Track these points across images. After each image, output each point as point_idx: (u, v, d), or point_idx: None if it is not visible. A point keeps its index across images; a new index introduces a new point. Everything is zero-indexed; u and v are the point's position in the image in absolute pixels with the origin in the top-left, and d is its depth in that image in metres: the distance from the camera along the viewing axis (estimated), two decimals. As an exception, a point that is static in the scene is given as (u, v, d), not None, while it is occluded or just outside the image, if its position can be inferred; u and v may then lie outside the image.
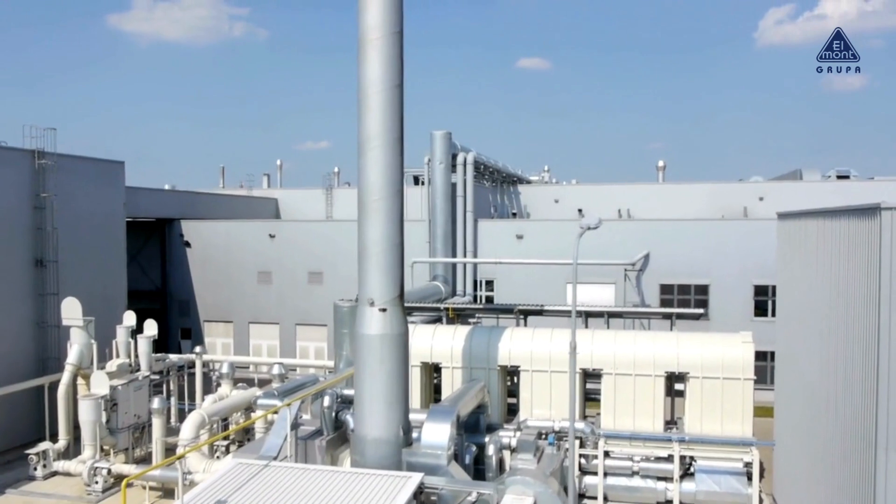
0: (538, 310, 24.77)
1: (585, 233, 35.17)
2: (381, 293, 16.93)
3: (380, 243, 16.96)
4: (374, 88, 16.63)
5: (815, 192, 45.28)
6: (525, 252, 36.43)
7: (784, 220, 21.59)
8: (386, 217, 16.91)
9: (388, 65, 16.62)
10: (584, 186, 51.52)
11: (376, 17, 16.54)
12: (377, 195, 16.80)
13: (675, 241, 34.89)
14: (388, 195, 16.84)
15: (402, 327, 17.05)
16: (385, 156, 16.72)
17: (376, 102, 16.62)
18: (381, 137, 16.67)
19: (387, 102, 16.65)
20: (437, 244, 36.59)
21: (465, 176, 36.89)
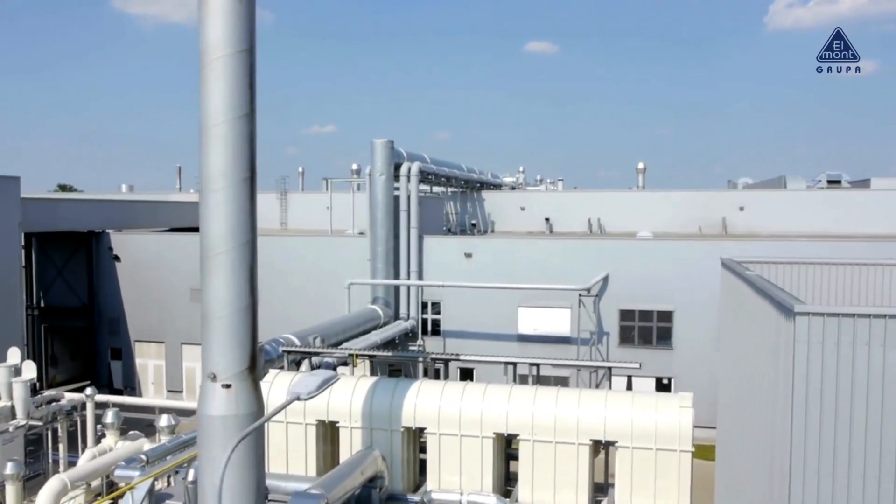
0: (450, 358, 22.04)
1: (538, 252, 32.58)
2: (225, 365, 14.26)
3: (225, 305, 14.27)
4: (216, 119, 13.91)
5: (798, 203, 42.65)
6: (474, 271, 33.80)
7: (726, 270, 18.76)
8: (231, 274, 14.24)
9: (234, 90, 13.87)
10: (553, 194, 48.79)
11: (219, 31, 13.79)
12: (221, 247, 14.15)
13: (637, 263, 32.25)
14: (233, 247, 14.19)
15: (251, 406, 14.39)
16: (230, 200, 14.05)
17: (219, 136, 13.92)
18: (225, 178, 13.98)
19: (232, 136, 13.94)
20: (378, 263, 34.00)
21: (409, 188, 34.14)
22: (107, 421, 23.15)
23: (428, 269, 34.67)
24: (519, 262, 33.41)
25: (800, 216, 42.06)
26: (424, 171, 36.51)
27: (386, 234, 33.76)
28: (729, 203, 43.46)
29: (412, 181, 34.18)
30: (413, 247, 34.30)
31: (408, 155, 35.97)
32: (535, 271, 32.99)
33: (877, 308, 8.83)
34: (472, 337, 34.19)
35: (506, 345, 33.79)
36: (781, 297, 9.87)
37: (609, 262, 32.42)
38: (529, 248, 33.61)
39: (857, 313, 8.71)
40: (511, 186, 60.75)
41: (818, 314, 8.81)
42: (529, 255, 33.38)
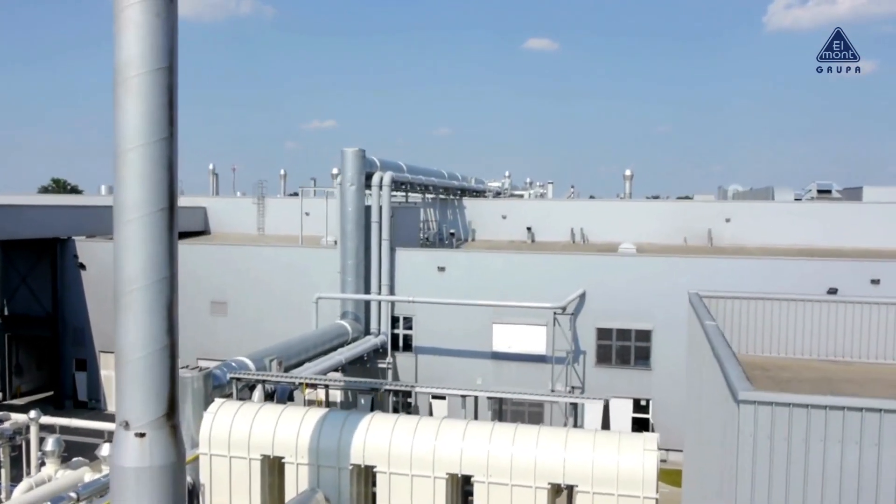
0: (403, 390, 20.88)
1: (513, 266, 31.43)
2: (138, 412, 13.06)
3: (139, 347, 13.09)
4: (130, 143, 12.72)
5: (785, 215, 41.56)
6: (447, 286, 32.64)
7: (692, 309, 17.59)
8: (147, 312, 13.08)
9: (151, 112, 12.67)
10: (536, 202, 47.61)
11: (133, 47, 12.58)
12: (135, 284, 12.99)
13: (615, 279, 31.09)
14: (149, 284, 13.03)
15: (169, 458, 13.17)
16: (145, 232, 12.89)
17: (133, 162, 12.73)
18: (140, 208, 12.82)
19: (149, 162, 12.75)
20: (348, 276, 32.81)
21: (380, 199, 32.92)
22: (47, 448, 21.98)
23: (400, 282, 33.49)
24: (493, 277, 32.24)
25: (787, 229, 40.98)
26: (398, 181, 35.34)
27: (356, 246, 32.57)
28: (715, 214, 42.35)
29: (384, 191, 32.97)
30: (384, 260, 33.12)
31: (381, 164, 34.76)
32: (510, 286, 31.83)
33: (835, 398, 7.64)
34: (445, 353, 33.06)
35: (479, 362, 32.69)
36: (731, 372, 8.68)
37: (586, 277, 31.27)
38: (504, 263, 32.43)
39: (811, 404, 7.54)
40: (496, 192, 59.57)
41: (766, 403, 7.65)
42: (504, 270, 32.22)
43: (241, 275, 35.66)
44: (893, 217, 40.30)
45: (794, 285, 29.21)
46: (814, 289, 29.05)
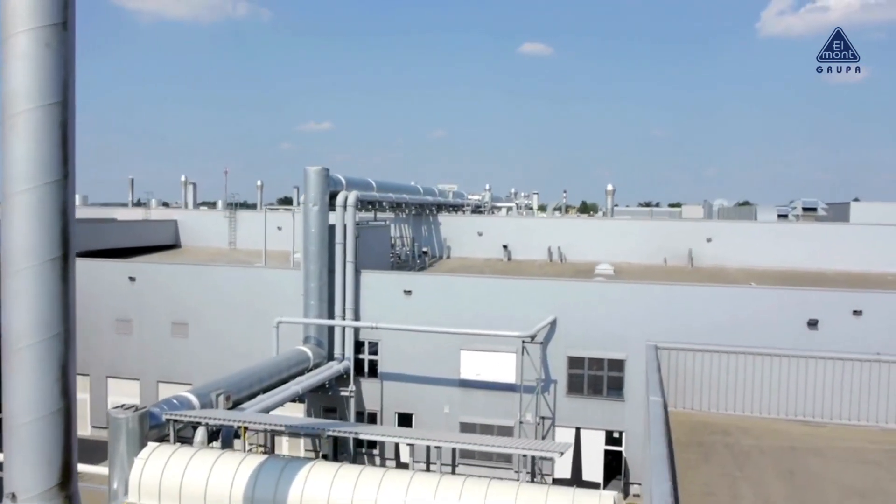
0: (350, 435, 19.60)
1: (482, 291, 30.21)
2: (27, 483, 11.88)
3: (28, 411, 11.91)
4: (18, 185, 11.55)
5: (767, 235, 40.50)
6: (414, 310, 31.45)
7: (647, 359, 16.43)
8: (37, 372, 11.90)
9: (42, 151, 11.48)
10: (512, 219, 46.45)
11: (21, 80, 11.40)
12: (24, 341, 11.81)
13: (588, 306, 29.95)
14: (40, 341, 11.86)
15: (61, 532, 11.93)
16: (36, 284, 11.69)
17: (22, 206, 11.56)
18: (29, 258, 11.62)
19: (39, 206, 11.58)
20: (310, 300, 31.57)
21: (344, 219, 31.70)
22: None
23: (365, 306, 32.26)
24: (462, 301, 31.05)
25: (769, 249, 39.96)
26: (366, 200, 34.11)
27: (319, 268, 31.33)
28: (696, 233, 41.27)
29: (348, 211, 31.72)
30: (349, 282, 31.88)
31: (347, 182, 33.55)
32: (480, 311, 30.66)
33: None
34: (411, 380, 31.85)
35: (447, 390, 31.49)
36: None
37: (558, 303, 30.10)
38: (473, 287, 31.22)
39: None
40: (476, 206, 58.39)
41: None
42: (473, 294, 31.02)
43: (202, 295, 34.36)
44: (878, 239, 39.30)
45: (773, 315, 28.18)
46: (793, 319, 28.02)
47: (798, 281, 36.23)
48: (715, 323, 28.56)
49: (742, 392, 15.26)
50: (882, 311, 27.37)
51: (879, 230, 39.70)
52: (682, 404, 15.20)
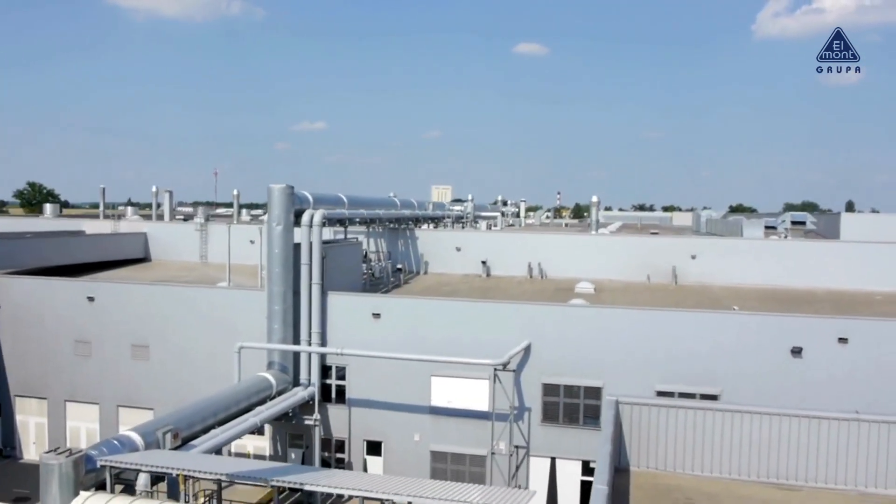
0: (293, 487, 18.31)
1: (454, 315, 28.98)
2: None
3: None
4: None
5: (753, 253, 39.41)
6: (383, 333, 30.25)
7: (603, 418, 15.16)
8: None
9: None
10: (492, 234, 45.21)
11: None
12: None
13: (564, 331, 28.80)
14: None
15: None
16: None
17: None
18: None
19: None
20: (274, 323, 30.29)
21: (310, 239, 30.40)
22: None
23: (332, 329, 30.99)
24: (432, 325, 29.81)
25: (755, 267, 38.87)
26: (334, 218, 32.80)
27: (283, 290, 30.04)
28: (681, 250, 40.16)
29: (314, 231, 30.43)
30: (315, 305, 30.59)
31: (314, 199, 32.28)
32: (451, 336, 29.45)
33: None
34: (381, 407, 30.60)
35: (417, 417, 30.25)
36: None
37: (532, 328, 28.89)
38: (444, 311, 29.98)
39: None
40: (458, 216, 57.09)
41: None
42: (444, 318, 29.79)
43: (163, 316, 33.02)
44: (865, 257, 38.26)
45: (756, 342, 27.08)
46: (776, 346, 26.92)
47: (784, 300, 35.17)
48: (696, 349, 27.46)
49: (711, 451, 14.09)
50: (869, 339, 26.28)
51: (867, 248, 38.65)
52: (647, 463, 14.00)
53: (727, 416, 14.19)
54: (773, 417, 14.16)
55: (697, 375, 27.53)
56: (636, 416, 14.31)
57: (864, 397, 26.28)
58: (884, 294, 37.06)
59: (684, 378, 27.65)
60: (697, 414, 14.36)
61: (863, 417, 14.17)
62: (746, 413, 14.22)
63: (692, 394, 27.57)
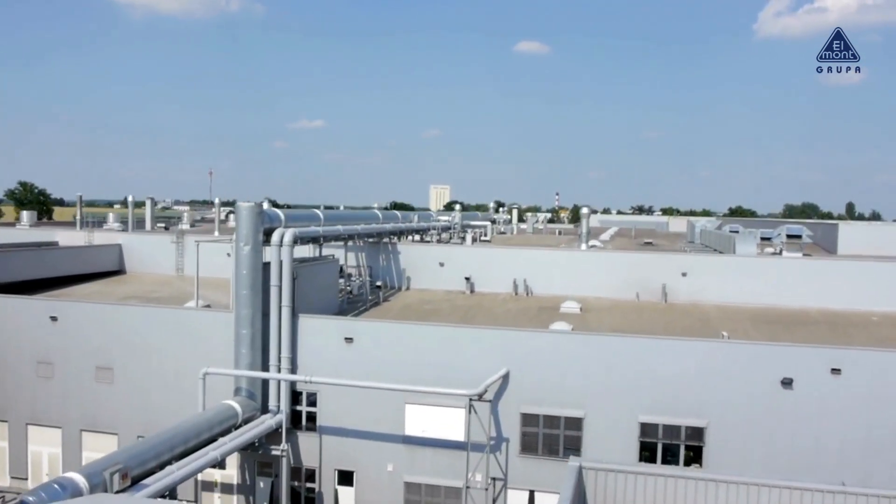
0: None
1: (429, 340, 27.77)
2: None
3: None
4: None
5: (744, 272, 38.18)
6: (356, 358, 29.10)
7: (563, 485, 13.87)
8: None
9: None
10: (476, 249, 43.93)
11: None
12: None
13: (544, 359, 27.61)
14: None
15: None
16: None
17: None
18: None
19: None
20: (242, 348, 29.12)
21: (280, 259, 29.15)
22: None
23: (303, 353, 29.74)
24: (407, 350, 28.58)
25: (747, 285, 37.62)
26: (306, 237, 31.50)
27: (251, 313, 28.80)
28: (671, 267, 38.91)
29: (285, 250, 29.15)
30: (285, 329, 29.34)
31: (286, 217, 31.03)
32: (426, 362, 28.26)
33: None
34: (353, 435, 29.37)
35: (391, 447, 29.03)
36: None
37: (511, 355, 27.67)
38: (419, 336, 28.71)
39: None
40: (445, 227, 55.76)
41: None
42: (419, 343, 28.54)
43: (128, 338, 31.76)
44: (862, 275, 37.05)
45: (745, 372, 25.88)
46: (766, 377, 25.71)
47: (777, 322, 33.95)
48: (682, 379, 26.27)
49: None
50: (863, 370, 25.06)
51: (863, 266, 37.42)
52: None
53: (700, 486, 12.95)
54: (752, 488, 12.92)
55: (683, 406, 26.32)
56: (601, 485, 13.06)
57: (857, 432, 25.13)
58: (881, 314, 35.84)
59: (670, 409, 26.44)
60: (669, 482, 13.12)
61: (849, 490, 12.94)
62: (723, 482, 12.98)
63: (677, 426, 26.41)
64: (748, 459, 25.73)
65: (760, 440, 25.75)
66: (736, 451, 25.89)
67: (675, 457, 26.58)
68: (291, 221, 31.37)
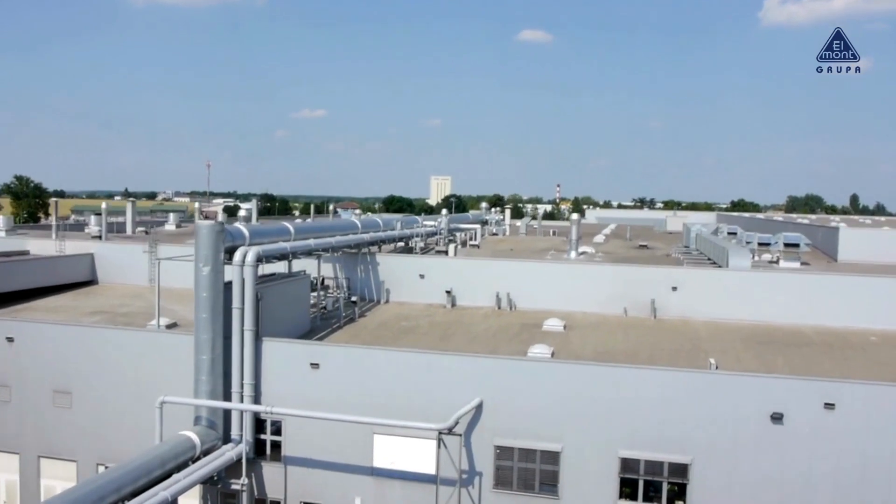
0: None
1: (400, 366, 26.30)
2: None
3: None
4: None
5: (736, 287, 36.67)
6: (322, 385, 27.77)
7: None
8: None
9: None
10: (458, 261, 42.36)
11: None
12: None
13: (520, 388, 26.17)
14: None
15: None
16: None
17: None
18: None
19: None
20: (202, 374, 27.71)
21: (242, 280, 27.64)
22: None
23: (267, 380, 28.29)
24: (376, 377, 27.13)
25: (740, 301, 36.09)
26: (272, 255, 29.95)
27: (211, 338, 27.32)
28: (661, 281, 37.36)
29: (247, 271, 27.62)
30: (248, 354, 27.86)
31: (252, 233, 29.52)
32: (396, 390, 26.86)
33: None
34: (319, 466, 27.96)
35: (359, 479, 27.63)
36: None
37: (486, 384, 26.20)
38: (389, 362, 27.20)
39: None
40: (432, 233, 54.13)
41: None
42: (388, 371, 27.06)
43: (87, 361, 30.35)
44: (859, 291, 35.50)
45: (732, 405, 24.35)
46: (755, 412, 24.29)
47: (769, 342, 32.46)
48: (665, 412, 24.81)
49: None
50: (858, 406, 23.58)
51: (861, 282, 35.84)
52: None
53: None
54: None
55: (666, 441, 24.85)
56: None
57: (850, 471, 23.64)
58: (879, 333, 34.29)
59: (652, 444, 24.97)
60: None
61: None
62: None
63: (660, 461, 24.94)
64: (735, 498, 24.33)
65: (748, 478, 24.28)
66: (722, 488, 24.45)
67: (657, 493, 25.16)
68: (258, 237, 29.91)
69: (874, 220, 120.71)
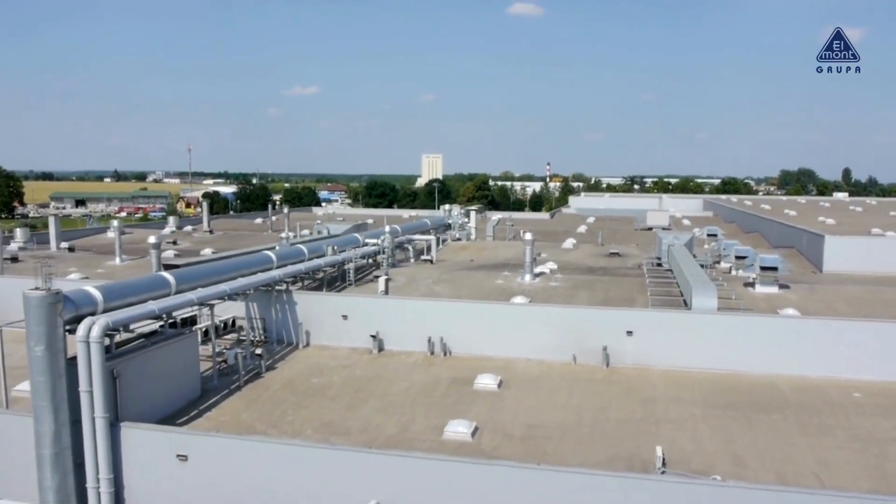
0: None
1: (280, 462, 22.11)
2: None
3: None
4: None
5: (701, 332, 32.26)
6: (192, 481, 23.27)
7: None
8: None
9: None
10: (386, 301, 37.53)
11: None
12: None
13: (423, 492, 21.60)
14: None
15: None
16: None
17: None
18: None
19: None
20: (45, 472, 23.14)
21: (89, 359, 22.91)
22: None
23: (130, 473, 23.77)
24: (252, 475, 22.66)
25: (705, 347, 31.75)
26: (127, 322, 24.94)
27: (55, 429, 22.77)
28: (615, 324, 32.83)
29: (94, 348, 22.88)
30: (102, 444, 23.29)
31: (107, 294, 24.72)
32: (278, 489, 22.30)
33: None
34: (192, 578, 23.38)
35: None
36: None
37: (383, 486, 21.70)
38: (267, 455, 22.68)
39: None
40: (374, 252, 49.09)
41: None
42: (268, 465, 22.53)
43: None
44: (839, 336, 31.19)
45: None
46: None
47: (736, 402, 28.28)
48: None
49: None
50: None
51: (842, 326, 31.50)
52: None
53: None
54: None
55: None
56: None
57: None
58: (863, 386, 30.05)
59: (582, 564, 20.53)
60: None
61: None
62: None
63: (592, 585, 20.48)
64: None
65: None
66: None
67: None
68: (116, 299, 25.09)
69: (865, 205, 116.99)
